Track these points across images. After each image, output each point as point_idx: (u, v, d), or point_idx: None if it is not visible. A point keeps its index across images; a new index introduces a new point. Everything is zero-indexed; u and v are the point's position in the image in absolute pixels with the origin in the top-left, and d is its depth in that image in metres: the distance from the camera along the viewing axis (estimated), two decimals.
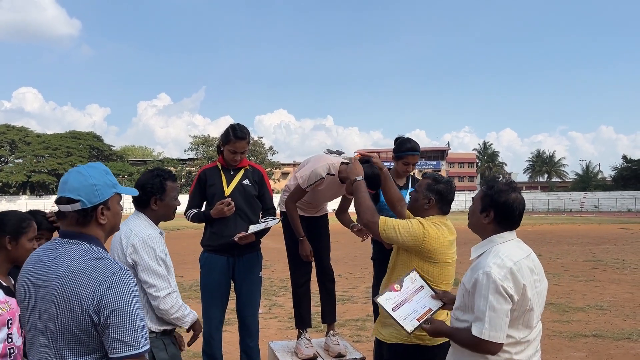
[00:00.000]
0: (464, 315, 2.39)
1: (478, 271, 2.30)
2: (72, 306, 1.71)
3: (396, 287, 3.12)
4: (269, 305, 8.47)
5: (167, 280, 2.82)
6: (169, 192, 2.92)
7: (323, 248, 4.32)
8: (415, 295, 3.07)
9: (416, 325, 2.96)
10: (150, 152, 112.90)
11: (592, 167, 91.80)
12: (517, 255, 2.33)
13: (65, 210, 1.86)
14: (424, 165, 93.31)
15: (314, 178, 3.90)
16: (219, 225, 3.89)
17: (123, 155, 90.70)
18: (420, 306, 3.04)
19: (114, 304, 1.70)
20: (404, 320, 2.96)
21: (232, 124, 3.98)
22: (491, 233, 2.45)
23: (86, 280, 1.72)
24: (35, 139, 78.44)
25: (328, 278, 4.30)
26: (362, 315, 7.76)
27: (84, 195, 1.86)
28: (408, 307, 3.05)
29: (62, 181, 1.92)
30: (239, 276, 3.98)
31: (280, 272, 12.08)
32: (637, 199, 67.66)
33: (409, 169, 4.18)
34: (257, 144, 75.11)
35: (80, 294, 1.71)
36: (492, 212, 2.42)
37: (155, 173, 2.96)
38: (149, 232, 2.82)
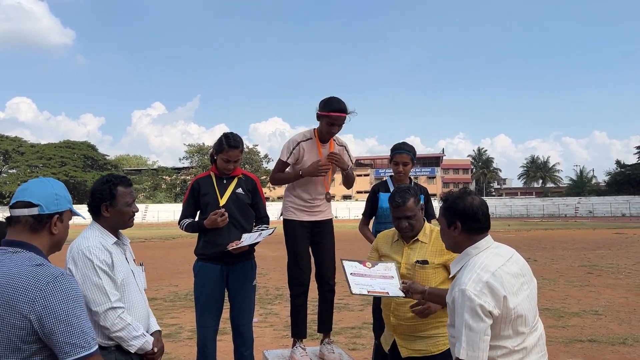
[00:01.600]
0: (452, 331, 2.33)
1: (455, 288, 2.24)
2: (12, 313, 1.70)
3: (368, 264, 3.26)
4: (264, 314, 8.43)
5: (107, 294, 2.59)
6: (119, 198, 2.77)
7: (326, 257, 4.23)
8: (380, 279, 3.16)
9: (363, 293, 3.07)
10: (145, 161, 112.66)
11: (586, 173, 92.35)
12: (495, 264, 2.25)
13: (21, 214, 1.90)
14: (419, 172, 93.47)
15: (291, 145, 4.04)
16: (212, 234, 3.88)
17: (118, 165, 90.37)
18: (378, 287, 3.11)
19: (58, 309, 1.71)
20: (355, 284, 3.07)
21: (225, 132, 3.98)
22: (467, 244, 2.38)
23: (25, 286, 1.72)
24: (29, 149, 78.13)
25: (328, 288, 4.26)
26: (358, 323, 7.73)
27: (43, 201, 1.92)
28: (365, 280, 3.15)
29: (22, 188, 1.96)
30: (233, 285, 3.96)
31: (276, 280, 12.03)
32: (631, 203, 67.97)
33: (399, 169, 4.19)
34: (252, 152, 75.11)
35: (20, 300, 1.70)
36: (458, 222, 2.37)
37: (105, 179, 2.86)
38: (89, 243, 2.66)
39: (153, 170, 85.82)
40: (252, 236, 3.85)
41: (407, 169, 4.22)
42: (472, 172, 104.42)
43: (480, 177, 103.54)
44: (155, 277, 12.51)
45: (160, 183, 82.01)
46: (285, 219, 4.21)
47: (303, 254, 4.16)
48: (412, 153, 4.24)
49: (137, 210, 2.91)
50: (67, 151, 78.01)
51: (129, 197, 2.82)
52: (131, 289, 2.76)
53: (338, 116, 3.93)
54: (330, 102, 3.95)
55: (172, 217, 64.86)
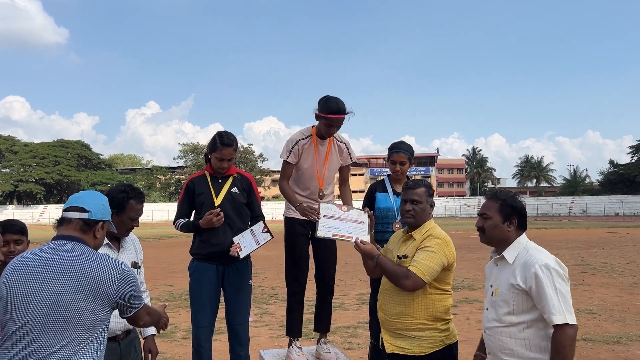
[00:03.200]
0: (520, 317, 2.54)
1: (531, 269, 2.50)
2: (98, 287, 2.16)
3: (343, 208, 3.50)
4: (259, 314, 8.42)
5: None
6: (128, 211, 3.10)
7: (326, 259, 4.20)
8: (350, 222, 3.40)
9: (328, 236, 3.34)
10: (139, 160, 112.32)
11: (580, 172, 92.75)
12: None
13: (74, 216, 2.31)
14: (413, 172, 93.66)
15: (290, 144, 4.05)
16: (207, 234, 3.87)
17: (112, 164, 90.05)
18: (345, 230, 3.35)
19: (130, 288, 2.27)
20: (323, 227, 3.34)
21: (219, 131, 3.96)
22: (514, 239, 2.69)
23: (105, 266, 2.20)
24: (22, 148, 77.70)
25: (327, 289, 4.24)
26: (354, 322, 7.73)
27: (93, 209, 2.34)
28: (335, 223, 3.40)
29: (75, 196, 2.39)
30: (228, 284, 3.95)
31: (271, 280, 12.02)
32: (625, 203, 68.38)
33: (397, 168, 4.17)
34: (247, 152, 75.03)
35: (106, 278, 2.18)
36: (515, 219, 2.69)
37: (122, 188, 3.15)
38: None
39: (147, 170, 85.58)
40: (246, 239, 3.84)
41: (405, 168, 4.20)
42: (467, 171, 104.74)
43: (475, 176, 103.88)
44: (150, 276, 12.43)
45: (155, 182, 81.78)
46: (286, 216, 4.19)
47: (302, 253, 4.14)
48: (409, 152, 4.21)
49: (137, 225, 3.18)
50: (60, 150, 77.65)
51: (134, 212, 3.13)
52: None
53: (336, 118, 3.90)
54: (328, 103, 3.90)
55: (166, 216, 64.73)
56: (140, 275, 3.25)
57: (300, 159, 4.06)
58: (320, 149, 4.10)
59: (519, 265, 2.57)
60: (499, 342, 2.60)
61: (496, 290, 2.64)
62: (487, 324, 2.68)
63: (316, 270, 4.23)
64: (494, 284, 2.68)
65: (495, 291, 2.65)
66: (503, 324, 2.58)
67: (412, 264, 2.95)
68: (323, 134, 4.06)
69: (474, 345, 6.44)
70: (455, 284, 10.37)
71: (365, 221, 3.41)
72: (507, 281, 2.58)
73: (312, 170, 4.08)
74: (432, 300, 3.00)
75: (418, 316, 2.99)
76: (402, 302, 3.01)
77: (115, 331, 3.03)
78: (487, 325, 2.68)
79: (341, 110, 3.90)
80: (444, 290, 3.07)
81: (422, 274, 2.90)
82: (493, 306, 2.65)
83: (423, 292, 2.99)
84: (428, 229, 3.14)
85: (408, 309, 2.99)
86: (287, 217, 4.17)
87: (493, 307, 2.65)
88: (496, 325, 2.61)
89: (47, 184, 75.50)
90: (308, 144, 4.08)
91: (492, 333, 2.64)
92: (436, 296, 3.02)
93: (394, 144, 4.24)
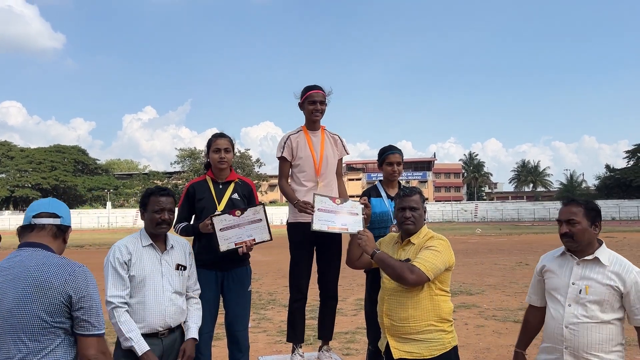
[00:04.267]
0: (609, 315, 2.78)
1: (631, 274, 2.79)
2: (45, 292, 2.13)
3: (337, 201, 3.60)
4: (257, 319, 8.40)
5: (107, 288, 3.15)
6: (149, 206, 3.28)
7: (331, 266, 4.20)
8: (344, 215, 3.49)
9: (323, 229, 3.43)
10: (135, 165, 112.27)
11: (576, 177, 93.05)
12: None
13: (47, 222, 2.33)
14: (410, 177, 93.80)
15: (282, 141, 4.17)
16: (207, 240, 3.86)
17: (108, 169, 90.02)
18: (340, 222, 3.42)
19: (83, 290, 2.19)
20: (318, 220, 3.44)
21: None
22: (595, 240, 2.91)
23: (57, 271, 2.18)
24: (19, 153, 77.59)
25: (331, 296, 4.24)
26: (352, 327, 7.72)
27: (65, 215, 2.41)
28: (329, 216, 3.44)
29: (43, 202, 2.41)
30: (228, 291, 3.94)
31: (269, 286, 12.01)
32: (621, 207, 68.59)
33: (394, 169, 4.19)
34: (244, 156, 74.96)
35: (53, 281, 2.14)
36: (599, 222, 2.90)
37: (146, 190, 3.39)
38: (117, 242, 3.28)
39: (144, 175, 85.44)
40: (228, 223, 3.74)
41: (401, 168, 4.25)
42: (464, 176, 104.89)
43: (472, 181, 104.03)
44: None
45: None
46: (289, 222, 4.19)
47: (305, 260, 4.13)
48: (401, 153, 4.28)
49: (166, 217, 3.28)
50: (57, 155, 77.57)
51: (156, 205, 3.26)
52: (149, 288, 3.16)
53: (316, 92, 4.12)
54: (305, 86, 4.20)
55: None
56: (183, 277, 3.37)
57: (296, 152, 4.13)
58: (313, 139, 4.18)
59: (616, 269, 2.81)
60: (588, 338, 2.78)
61: (587, 288, 2.82)
62: (573, 319, 2.83)
63: (319, 276, 4.23)
64: (581, 282, 2.85)
65: (586, 289, 2.82)
66: (594, 320, 2.77)
67: (417, 260, 3.00)
68: (311, 121, 4.17)
69: (473, 350, 6.47)
70: (453, 289, 10.37)
71: (359, 212, 3.52)
72: (602, 281, 2.79)
73: (309, 159, 4.13)
74: (438, 301, 3.06)
75: (426, 317, 3.03)
76: (409, 306, 3.04)
77: (155, 327, 3.16)
78: (573, 321, 2.83)
79: (318, 86, 4.16)
80: (446, 291, 3.14)
81: (426, 270, 2.95)
82: (581, 303, 2.82)
83: (429, 293, 3.04)
84: (426, 233, 3.22)
85: (416, 311, 3.03)
86: (290, 223, 4.17)
87: (581, 304, 2.82)
88: (586, 322, 2.79)
89: (43, 190, 75.27)
90: (300, 136, 4.17)
91: (580, 329, 2.80)
92: (441, 297, 3.08)
93: (387, 147, 4.28)
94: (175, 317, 3.26)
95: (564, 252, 3.00)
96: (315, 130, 4.19)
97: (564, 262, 2.97)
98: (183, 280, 3.37)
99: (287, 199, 4.09)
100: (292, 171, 4.20)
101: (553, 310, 2.93)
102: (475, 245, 24.27)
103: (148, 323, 3.14)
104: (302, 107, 4.17)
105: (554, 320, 2.90)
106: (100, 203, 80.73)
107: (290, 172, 4.24)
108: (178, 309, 3.29)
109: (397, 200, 3.32)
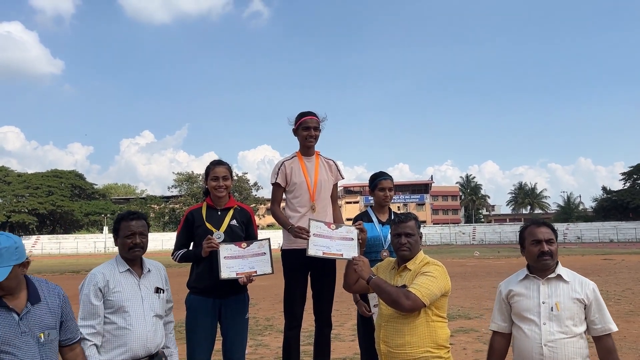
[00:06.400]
0: (579, 328, 2.95)
1: (589, 286, 3.00)
2: (57, 303, 2.71)
3: (332, 226, 3.66)
4: (254, 345, 8.32)
5: (79, 319, 3.12)
6: (120, 232, 3.28)
7: (325, 292, 4.22)
8: (339, 240, 3.51)
9: (318, 255, 3.51)
10: (133, 189, 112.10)
11: (573, 199, 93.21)
12: None
13: None
14: (408, 199, 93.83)
15: (276, 167, 4.22)
16: (204, 268, 3.87)
17: (106, 194, 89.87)
18: (335, 248, 3.46)
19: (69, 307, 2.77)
20: (313, 245, 3.51)
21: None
22: None
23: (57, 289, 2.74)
24: (16, 178, 77.53)
25: (326, 323, 4.26)
26: (349, 353, 7.66)
27: None
28: (325, 241, 3.48)
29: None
30: (225, 319, 3.93)
31: (266, 311, 11.91)
32: (619, 229, 68.57)
33: (386, 194, 4.24)
34: (241, 180, 75.05)
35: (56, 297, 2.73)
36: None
37: (117, 215, 3.39)
38: (94, 270, 3.25)
39: (141, 199, 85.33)
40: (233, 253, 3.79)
41: (392, 194, 4.31)
42: (461, 198, 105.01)
43: (469, 203, 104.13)
44: None
45: (149, 212, 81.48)
46: (283, 249, 4.21)
47: (300, 287, 4.15)
48: (392, 179, 4.34)
49: (137, 242, 3.24)
50: (54, 180, 77.50)
51: (127, 230, 3.25)
52: (130, 314, 3.14)
53: (310, 118, 4.16)
54: (299, 113, 4.24)
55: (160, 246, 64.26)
56: (162, 300, 3.38)
57: (290, 178, 4.17)
58: (307, 165, 4.22)
59: (576, 283, 2.99)
60: (565, 353, 2.87)
61: (557, 305, 2.92)
62: (550, 337, 2.90)
63: (314, 303, 4.23)
64: (550, 300, 2.95)
65: (557, 305, 2.92)
66: (568, 335, 2.90)
67: (412, 286, 3.03)
68: (305, 147, 4.21)
69: None
70: (451, 313, 10.31)
71: (354, 237, 3.57)
72: (570, 296, 2.95)
73: (303, 185, 4.17)
74: (435, 328, 3.08)
75: (423, 344, 3.04)
76: (406, 332, 3.06)
77: (137, 353, 3.12)
78: (551, 339, 2.90)
79: (312, 112, 4.20)
80: (442, 317, 3.16)
81: (422, 295, 2.98)
82: (555, 320, 2.91)
83: (425, 320, 3.07)
84: (422, 259, 3.25)
85: (413, 337, 3.04)
86: (285, 250, 4.19)
87: (555, 320, 2.91)
88: (562, 337, 2.89)
89: (40, 214, 75.04)
90: (294, 162, 4.22)
91: (558, 345, 2.89)
92: (438, 324, 3.10)
93: (379, 173, 4.33)
94: (156, 342, 3.24)
95: (527, 274, 3.09)
96: (310, 156, 4.24)
97: (530, 283, 3.05)
98: (162, 303, 3.36)
99: (280, 225, 4.11)
100: (287, 197, 4.24)
101: (528, 330, 2.97)
102: (474, 269, 24.17)
103: (130, 348, 3.11)
104: (296, 133, 4.22)
105: (530, 340, 2.95)
106: (97, 228, 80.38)
107: (284, 198, 4.27)
108: (159, 334, 3.28)
109: (392, 227, 3.37)
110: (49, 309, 2.66)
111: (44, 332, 2.60)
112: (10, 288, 2.50)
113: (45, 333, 2.60)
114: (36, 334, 2.58)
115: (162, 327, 3.35)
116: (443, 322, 3.16)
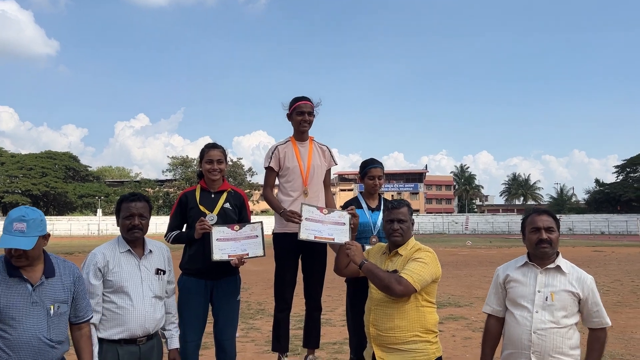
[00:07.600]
0: (570, 320, 2.97)
1: (587, 281, 3.03)
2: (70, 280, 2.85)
3: (324, 210, 3.68)
4: (245, 329, 8.39)
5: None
6: (121, 213, 3.31)
7: (315, 276, 4.26)
8: (331, 224, 3.53)
9: (310, 238, 3.54)
10: (127, 173, 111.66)
11: (567, 191, 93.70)
12: None
13: None
14: (402, 188, 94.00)
15: (270, 151, 4.24)
16: (197, 249, 3.89)
17: (100, 176, 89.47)
18: (327, 232, 3.48)
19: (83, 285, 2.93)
20: (305, 229, 3.56)
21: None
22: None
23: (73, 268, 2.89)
24: (9, 158, 77.00)
25: (315, 306, 4.30)
26: (340, 338, 7.73)
27: None
28: (316, 225, 3.50)
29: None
30: (217, 300, 3.97)
31: (258, 295, 11.99)
32: (610, 221, 69.10)
33: (375, 182, 4.26)
34: (236, 165, 74.85)
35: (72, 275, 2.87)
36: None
37: (119, 197, 3.42)
38: (95, 249, 3.32)
39: (135, 182, 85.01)
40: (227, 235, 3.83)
41: (382, 182, 4.33)
42: (455, 188, 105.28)
43: (463, 193, 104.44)
44: None
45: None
46: (274, 232, 4.23)
47: (290, 270, 4.18)
48: (382, 167, 4.35)
49: (136, 223, 3.26)
50: (48, 162, 77.04)
51: (127, 211, 3.27)
52: (129, 294, 3.18)
53: (304, 103, 4.18)
54: (293, 98, 4.26)
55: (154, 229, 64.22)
56: (163, 281, 3.40)
57: (284, 162, 4.19)
58: (301, 150, 4.23)
59: (573, 276, 3.02)
60: (553, 342, 2.91)
61: (552, 295, 2.96)
62: (541, 325, 2.94)
63: (305, 286, 4.27)
64: (546, 290, 2.99)
65: (552, 296, 2.96)
66: (559, 326, 2.94)
67: (404, 272, 3.07)
68: (299, 132, 4.22)
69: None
70: (441, 301, 10.41)
71: (346, 222, 3.60)
72: (565, 288, 2.98)
73: (296, 169, 4.19)
74: (424, 313, 3.13)
75: (412, 328, 3.09)
76: (395, 316, 3.11)
77: (135, 333, 3.17)
78: (541, 327, 2.94)
79: (306, 97, 4.22)
80: (432, 303, 3.21)
81: (414, 281, 3.02)
82: (547, 309, 2.95)
83: (415, 304, 3.11)
84: (413, 245, 3.29)
85: (402, 322, 3.09)
86: (276, 233, 4.22)
87: (548, 310, 2.95)
88: (552, 327, 2.93)
89: (33, 196, 74.72)
90: (288, 147, 4.23)
91: (547, 334, 2.93)
92: (427, 309, 3.16)
93: (369, 160, 4.33)
94: (154, 323, 3.27)
95: (527, 262, 3.11)
96: (304, 141, 4.25)
97: (528, 271, 3.08)
98: (163, 284, 3.39)
99: (272, 209, 4.14)
100: (279, 181, 4.26)
101: (519, 317, 3.01)
102: (466, 258, 24.35)
103: (128, 328, 3.15)
104: (290, 118, 4.24)
105: (520, 326, 2.99)
106: (90, 210, 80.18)
107: (277, 182, 4.29)
108: (158, 315, 3.31)
109: (385, 213, 3.41)
110: (62, 284, 2.78)
111: (55, 304, 2.72)
112: (34, 258, 2.65)
113: (55, 306, 2.73)
114: (47, 305, 2.70)
115: (161, 307, 3.38)
116: (432, 307, 3.21)
